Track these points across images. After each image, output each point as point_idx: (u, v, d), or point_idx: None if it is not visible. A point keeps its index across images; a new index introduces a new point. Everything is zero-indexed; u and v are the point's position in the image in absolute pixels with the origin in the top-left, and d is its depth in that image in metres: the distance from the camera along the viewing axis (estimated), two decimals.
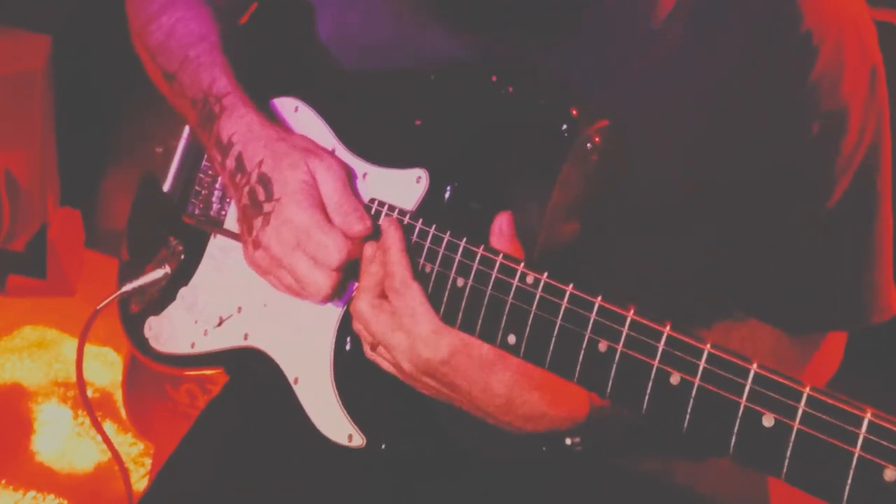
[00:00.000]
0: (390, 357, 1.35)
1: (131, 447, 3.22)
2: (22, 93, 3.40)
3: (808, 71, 1.31)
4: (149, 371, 2.83)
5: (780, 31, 1.32)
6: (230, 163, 1.51)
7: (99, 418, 1.99)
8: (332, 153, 1.48)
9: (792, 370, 1.47)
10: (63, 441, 3.24)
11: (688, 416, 1.07)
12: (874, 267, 1.43)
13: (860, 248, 1.42)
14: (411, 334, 1.31)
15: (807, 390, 0.99)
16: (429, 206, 1.39)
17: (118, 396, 3.25)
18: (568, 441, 1.37)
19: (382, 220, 1.37)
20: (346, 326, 1.45)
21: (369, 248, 1.38)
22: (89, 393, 3.27)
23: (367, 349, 1.39)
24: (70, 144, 3.60)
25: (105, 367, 3.46)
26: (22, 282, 3.56)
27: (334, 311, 1.46)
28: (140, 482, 3.08)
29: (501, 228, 1.31)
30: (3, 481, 3.07)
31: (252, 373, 1.60)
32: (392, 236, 1.35)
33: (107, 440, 1.96)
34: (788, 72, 1.32)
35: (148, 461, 3.15)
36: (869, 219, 1.41)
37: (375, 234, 1.42)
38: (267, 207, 1.43)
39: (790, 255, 1.41)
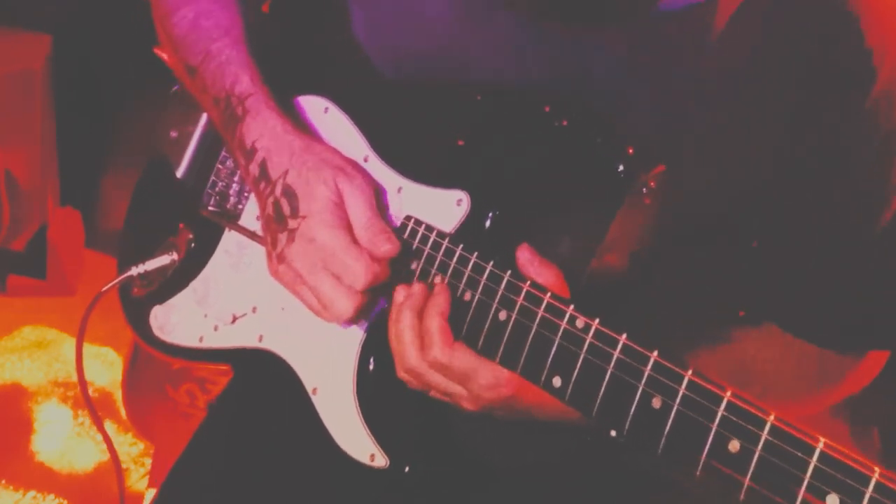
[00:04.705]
0: (449, 400, 1.35)
1: (131, 447, 3.21)
2: (22, 92, 3.39)
3: (869, 89, 1.30)
4: (149, 371, 2.83)
5: (842, 49, 1.30)
6: (254, 169, 1.48)
7: (99, 418, 1.99)
8: (360, 168, 1.45)
9: (833, 380, 1.47)
10: (63, 441, 3.23)
11: (745, 486, 1.04)
12: None
13: None
14: (469, 387, 1.31)
15: (875, 476, 0.96)
16: (468, 231, 1.36)
17: (118, 396, 3.24)
18: (613, 432, 1.36)
19: (436, 286, 1.34)
20: (370, 346, 1.43)
21: (400, 294, 1.36)
22: (89, 392, 3.27)
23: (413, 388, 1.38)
24: (70, 144, 3.60)
25: (105, 367, 3.46)
26: (22, 282, 3.55)
27: (361, 327, 1.44)
28: (140, 482, 3.08)
29: (528, 258, 1.29)
30: (3, 481, 3.07)
31: (263, 375, 1.58)
32: (440, 303, 1.32)
33: (102, 429, 1.95)
34: (850, 90, 1.31)
35: (148, 461, 3.15)
36: None
37: (403, 254, 1.39)
38: (292, 224, 1.41)
39: (837, 274, 1.40)
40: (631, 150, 1.31)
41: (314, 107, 1.56)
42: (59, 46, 3.45)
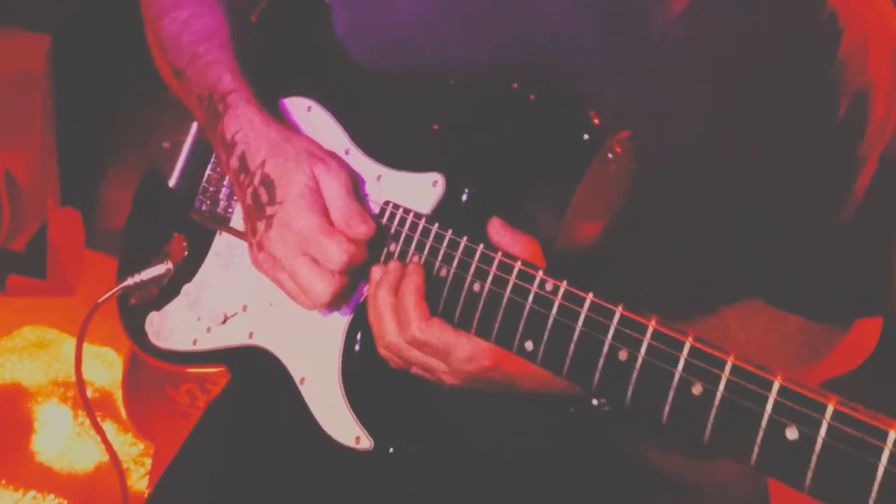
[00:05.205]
0: (429, 375, 1.36)
1: (131, 447, 3.22)
2: (22, 93, 3.40)
3: (835, 51, 1.31)
4: (149, 371, 2.83)
5: (805, 12, 1.31)
6: (234, 162, 1.50)
7: (99, 418, 1.99)
8: (336, 156, 1.48)
9: (820, 353, 1.46)
10: (63, 441, 3.24)
11: (710, 427, 1.07)
12: None
13: (887, 234, 1.40)
14: (449, 361, 1.32)
15: (832, 403, 0.98)
16: (444, 211, 1.39)
17: (118, 396, 3.25)
18: (594, 402, 1.38)
19: (410, 264, 1.36)
20: (355, 328, 1.45)
21: (377, 272, 1.37)
22: (89, 393, 3.27)
23: (394, 366, 1.39)
24: (70, 144, 3.60)
25: (105, 367, 3.46)
26: (22, 282, 3.56)
27: (344, 314, 1.46)
28: (140, 482, 3.08)
29: (499, 230, 1.31)
30: (3, 481, 3.07)
31: (255, 372, 1.59)
32: (415, 281, 1.33)
33: (101, 433, 1.95)
34: (815, 52, 1.31)
35: (148, 461, 3.15)
36: (895, 204, 1.39)
37: (381, 238, 1.41)
38: (270, 211, 1.43)
39: (816, 243, 1.40)
40: (596, 121, 1.33)
41: (298, 107, 1.59)
42: (59, 46, 3.46)
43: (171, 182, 1.78)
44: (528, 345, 1.24)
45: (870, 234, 1.40)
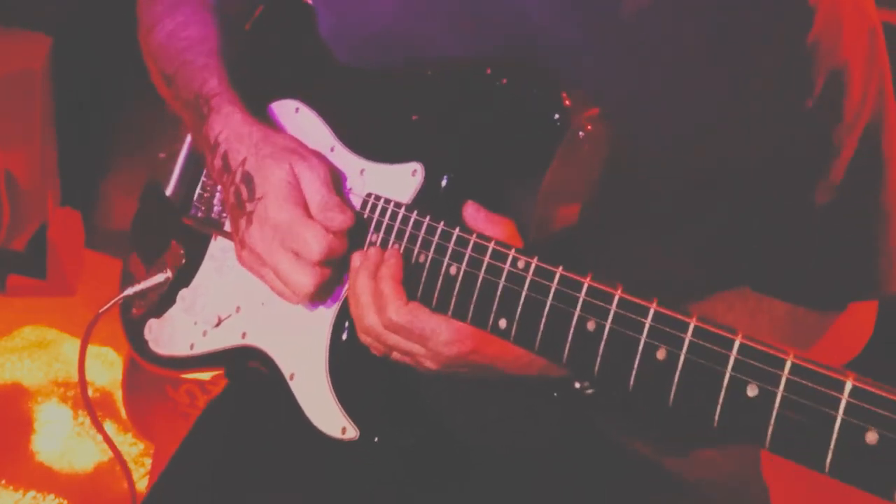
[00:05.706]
0: (410, 360, 1.36)
1: (131, 447, 3.22)
2: (22, 93, 3.40)
3: (807, 31, 1.29)
4: (149, 372, 2.84)
5: None
6: (217, 162, 1.52)
7: (99, 418, 2.00)
8: (316, 152, 1.49)
9: (809, 339, 1.46)
10: (63, 441, 3.24)
11: (673, 390, 1.08)
12: (887, 234, 1.40)
13: (871, 215, 1.39)
14: (428, 345, 1.33)
15: (790, 358, 0.99)
16: (424, 199, 1.41)
17: (118, 396, 3.25)
18: (577, 385, 1.38)
19: (388, 250, 1.37)
20: (342, 319, 1.46)
21: (356, 259, 1.38)
22: (89, 393, 3.27)
23: (376, 353, 1.40)
24: (70, 144, 3.60)
25: (105, 367, 3.46)
26: (22, 282, 3.56)
27: (330, 307, 1.47)
28: (140, 482, 3.08)
29: (473, 214, 1.32)
30: (3, 481, 3.07)
31: (250, 372, 1.60)
32: (392, 266, 1.35)
33: (108, 440, 1.96)
34: (787, 33, 1.30)
35: (148, 461, 3.15)
36: (878, 184, 1.38)
37: (363, 229, 1.43)
38: (249, 207, 1.45)
39: (800, 227, 1.39)
40: (567, 101, 1.33)
41: (287, 109, 1.62)
42: (59, 46, 3.46)
43: (168, 191, 1.80)
44: (502, 323, 1.25)
45: (853, 216, 1.39)
